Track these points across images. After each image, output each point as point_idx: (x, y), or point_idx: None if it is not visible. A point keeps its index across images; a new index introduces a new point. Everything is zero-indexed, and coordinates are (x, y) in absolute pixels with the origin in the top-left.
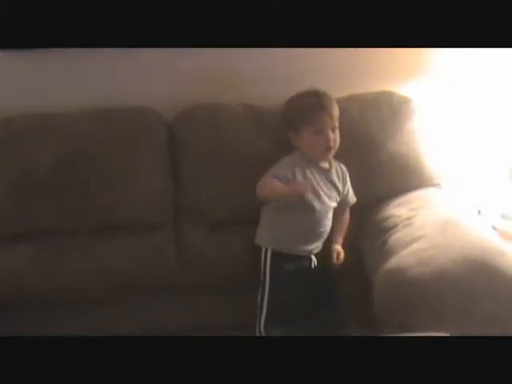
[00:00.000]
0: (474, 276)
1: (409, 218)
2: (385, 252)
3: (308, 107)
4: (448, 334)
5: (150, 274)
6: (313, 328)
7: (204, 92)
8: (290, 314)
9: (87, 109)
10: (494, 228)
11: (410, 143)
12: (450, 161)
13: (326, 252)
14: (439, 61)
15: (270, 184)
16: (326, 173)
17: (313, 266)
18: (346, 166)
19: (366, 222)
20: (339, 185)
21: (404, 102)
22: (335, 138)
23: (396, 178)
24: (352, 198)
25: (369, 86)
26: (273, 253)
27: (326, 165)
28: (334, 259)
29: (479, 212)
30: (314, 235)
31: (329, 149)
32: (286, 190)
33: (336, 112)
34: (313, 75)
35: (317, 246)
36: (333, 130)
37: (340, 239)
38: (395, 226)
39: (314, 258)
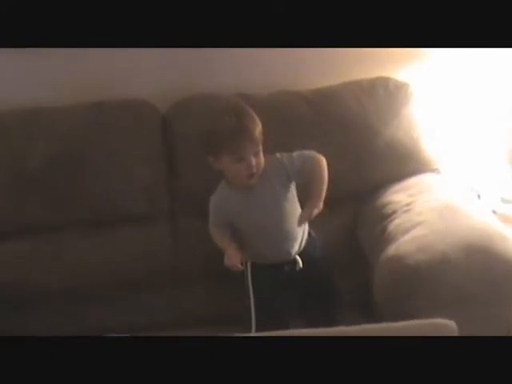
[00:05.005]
0: (474, 261)
1: (408, 204)
2: (384, 239)
3: (226, 132)
4: (449, 320)
5: (146, 265)
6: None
7: (198, 83)
8: (280, 319)
9: (80, 102)
10: (494, 212)
11: (407, 129)
12: (448, 145)
13: (313, 247)
14: None
15: (215, 236)
16: (256, 187)
17: (298, 268)
18: (343, 154)
19: (365, 210)
20: (276, 184)
21: (400, 87)
22: (258, 161)
23: (394, 164)
24: (304, 162)
25: (364, 72)
26: (252, 265)
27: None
28: (300, 219)
29: (479, 196)
30: (284, 239)
31: (251, 176)
32: (225, 250)
33: (258, 130)
34: (307, 62)
35: (294, 248)
36: (255, 154)
37: (312, 201)
38: (394, 212)
39: (298, 259)
